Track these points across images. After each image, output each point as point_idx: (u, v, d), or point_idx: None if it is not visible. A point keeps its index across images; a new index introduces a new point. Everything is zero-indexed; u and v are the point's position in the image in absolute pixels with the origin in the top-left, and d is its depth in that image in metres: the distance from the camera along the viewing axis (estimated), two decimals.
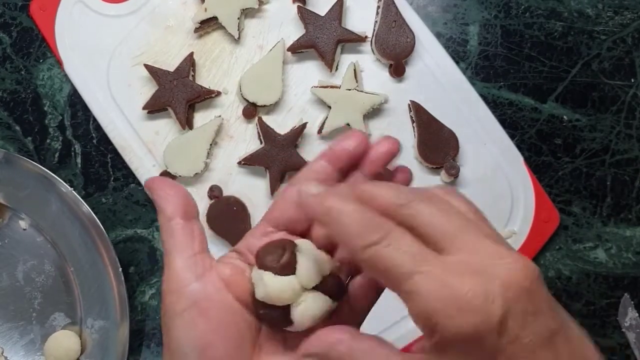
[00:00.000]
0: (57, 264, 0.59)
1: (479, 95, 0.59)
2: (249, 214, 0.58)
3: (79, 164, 0.61)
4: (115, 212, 0.61)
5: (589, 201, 0.60)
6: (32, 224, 0.59)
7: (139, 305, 0.60)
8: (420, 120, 0.58)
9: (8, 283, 0.59)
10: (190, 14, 0.59)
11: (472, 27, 0.61)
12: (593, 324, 0.60)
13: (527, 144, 0.60)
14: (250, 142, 0.59)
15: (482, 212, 0.31)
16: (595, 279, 0.60)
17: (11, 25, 0.62)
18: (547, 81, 0.61)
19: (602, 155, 0.60)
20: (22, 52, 0.61)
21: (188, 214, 0.32)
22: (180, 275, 0.31)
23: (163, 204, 0.32)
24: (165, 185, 0.33)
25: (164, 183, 0.33)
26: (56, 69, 0.61)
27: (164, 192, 0.32)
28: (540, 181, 0.60)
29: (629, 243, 0.60)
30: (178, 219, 0.32)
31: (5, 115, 0.61)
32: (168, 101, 0.57)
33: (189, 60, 0.57)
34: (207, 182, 0.58)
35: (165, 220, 0.32)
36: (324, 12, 0.58)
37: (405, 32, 0.57)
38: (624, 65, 0.61)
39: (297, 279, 0.31)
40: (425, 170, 0.59)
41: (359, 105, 0.57)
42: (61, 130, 0.61)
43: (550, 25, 0.61)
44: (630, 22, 0.61)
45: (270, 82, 0.57)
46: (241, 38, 0.59)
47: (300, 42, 0.58)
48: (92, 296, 0.58)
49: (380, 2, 0.58)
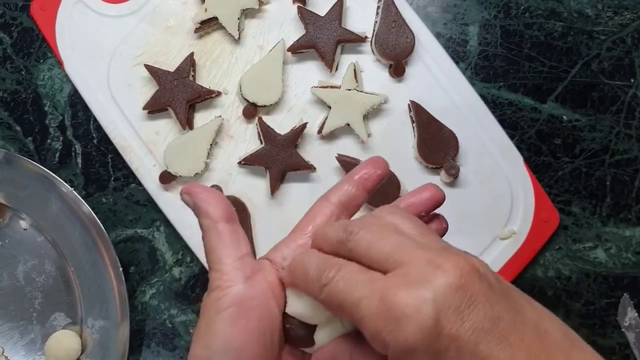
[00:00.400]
0: (57, 263, 0.59)
1: (479, 95, 0.59)
2: (249, 214, 0.58)
3: (80, 164, 0.61)
4: (115, 212, 0.61)
5: (588, 201, 0.60)
6: (33, 224, 0.59)
7: (139, 305, 0.60)
8: (420, 120, 0.58)
9: (8, 283, 0.59)
10: (191, 14, 0.59)
11: (472, 28, 0.61)
12: (593, 324, 0.60)
13: (526, 144, 0.60)
14: (251, 142, 0.59)
15: (423, 225, 0.32)
16: (594, 278, 0.60)
17: (12, 26, 0.62)
18: (546, 81, 0.61)
19: (601, 155, 0.61)
20: (22, 52, 0.61)
21: (231, 218, 0.34)
22: (230, 274, 0.32)
23: (207, 207, 0.34)
24: (205, 190, 0.34)
25: (202, 188, 0.34)
26: (56, 69, 0.61)
27: (206, 196, 0.34)
28: (540, 181, 0.60)
29: (629, 243, 0.60)
30: (224, 222, 0.33)
31: (6, 115, 0.61)
32: (168, 101, 0.57)
33: (189, 61, 0.57)
34: (207, 182, 0.58)
35: (211, 222, 0.34)
36: (324, 12, 0.58)
37: (405, 33, 0.57)
38: (624, 65, 0.61)
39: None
40: (425, 170, 0.59)
41: (359, 105, 0.57)
42: (62, 130, 0.61)
43: (550, 25, 0.61)
44: (629, 23, 0.61)
45: (271, 82, 0.57)
46: (241, 38, 0.59)
47: (300, 42, 0.58)
48: (93, 296, 0.58)
49: (380, 2, 0.59)
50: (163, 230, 0.60)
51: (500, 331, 0.27)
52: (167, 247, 0.60)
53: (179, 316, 0.60)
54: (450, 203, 0.59)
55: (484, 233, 0.58)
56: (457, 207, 0.58)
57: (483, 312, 0.27)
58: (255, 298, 0.32)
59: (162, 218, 0.60)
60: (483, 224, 0.58)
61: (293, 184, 0.59)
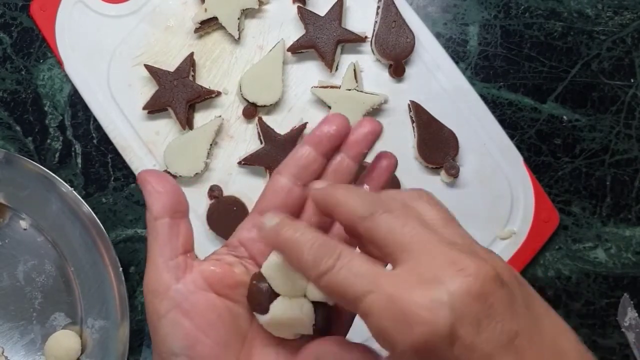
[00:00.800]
0: (57, 263, 0.59)
1: (479, 95, 0.59)
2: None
3: (80, 164, 0.61)
4: (115, 212, 0.61)
5: (588, 201, 0.60)
6: (33, 224, 0.59)
7: (139, 305, 0.60)
8: (420, 120, 0.58)
9: (8, 283, 0.59)
10: (191, 14, 0.59)
11: (472, 28, 0.61)
12: (592, 324, 0.60)
13: (526, 144, 0.60)
14: (251, 142, 0.59)
15: (448, 216, 0.31)
16: (594, 278, 0.60)
17: (11, 26, 0.62)
18: (546, 81, 0.61)
19: (601, 155, 0.61)
20: (22, 52, 0.61)
21: (177, 213, 0.32)
22: (161, 276, 0.31)
23: (151, 201, 0.32)
24: (156, 180, 0.32)
25: (155, 177, 0.32)
26: (56, 69, 0.61)
27: (153, 188, 0.32)
28: (540, 181, 0.60)
29: (629, 243, 0.60)
30: (165, 218, 0.32)
31: (6, 115, 0.61)
32: (168, 101, 0.57)
33: (189, 61, 0.57)
34: (207, 182, 0.58)
35: (151, 218, 0.32)
36: (324, 12, 0.58)
37: (405, 33, 0.57)
38: (624, 65, 0.61)
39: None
40: (425, 170, 0.59)
41: (359, 105, 0.57)
42: (61, 130, 0.61)
43: (550, 25, 0.61)
44: (629, 23, 0.61)
45: (271, 82, 0.57)
46: (241, 38, 0.59)
47: (300, 42, 0.58)
48: (93, 296, 0.58)
49: (380, 2, 0.59)
50: None
51: (516, 347, 0.26)
52: None
53: None
54: (450, 203, 0.59)
55: (484, 233, 0.58)
56: (457, 207, 0.58)
57: (501, 324, 0.26)
58: (191, 295, 0.31)
59: None
60: (483, 224, 0.58)
61: None
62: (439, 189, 0.58)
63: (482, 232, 0.58)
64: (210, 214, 0.56)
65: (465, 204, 0.58)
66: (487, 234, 0.58)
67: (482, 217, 0.58)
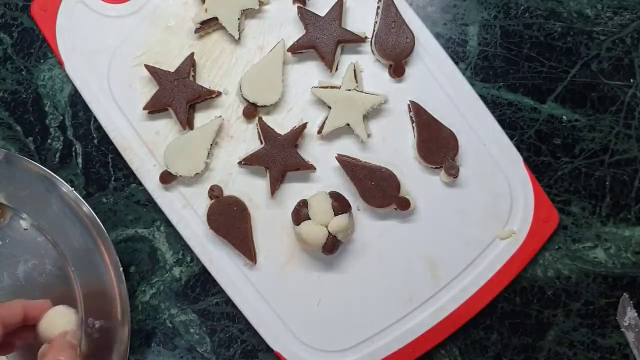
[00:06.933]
0: (58, 263, 0.59)
1: (479, 95, 0.59)
2: (249, 214, 0.58)
3: (80, 164, 0.61)
4: (116, 212, 0.61)
5: (588, 201, 0.60)
6: (33, 224, 0.59)
7: (140, 304, 0.60)
8: (420, 121, 0.58)
9: (9, 283, 0.59)
10: (191, 14, 0.59)
11: (472, 28, 0.61)
12: (592, 324, 0.60)
13: (526, 144, 0.61)
14: (251, 142, 0.59)
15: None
16: (594, 278, 0.60)
17: (12, 26, 0.62)
18: (546, 81, 0.61)
19: (601, 155, 0.61)
20: (23, 52, 0.61)
21: None
22: None
23: None
24: None
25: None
26: (57, 69, 0.61)
27: None
28: (540, 181, 0.60)
29: (628, 243, 0.60)
30: None
31: (6, 115, 0.61)
32: (168, 101, 0.57)
33: (189, 61, 0.58)
34: (207, 182, 0.59)
35: None
36: (324, 12, 0.58)
37: (404, 33, 0.58)
38: (623, 65, 0.61)
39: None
40: (425, 170, 0.59)
41: (359, 105, 0.57)
42: (62, 130, 0.61)
43: (549, 25, 0.61)
44: (629, 23, 0.61)
45: (271, 82, 0.57)
46: (241, 39, 0.60)
47: (300, 42, 0.58)
48: (93, 296, 0.58)
49: (380, 2, 0.59)
50: (163, 230, 0.61)
51: None
52: (168, 247, 0.60)
53: (179, 316, 0.60)
54: (450, 203, 0.60)
55: (483, 233, 0.58)
56: (457, 207, 0.58)
57: None
58: None
59: (162, 218, 0.60)
60: (483, 223, 0.58)
61: (293, 184, 0.59)
62: (438, 189, 0.58)
63: (482, 232, 0.58)
64: (210, 214, 0.57)
65: (465, 203, 0.58)
66: (486, 234, 0.58)
67: (482, 217, 0.58)
